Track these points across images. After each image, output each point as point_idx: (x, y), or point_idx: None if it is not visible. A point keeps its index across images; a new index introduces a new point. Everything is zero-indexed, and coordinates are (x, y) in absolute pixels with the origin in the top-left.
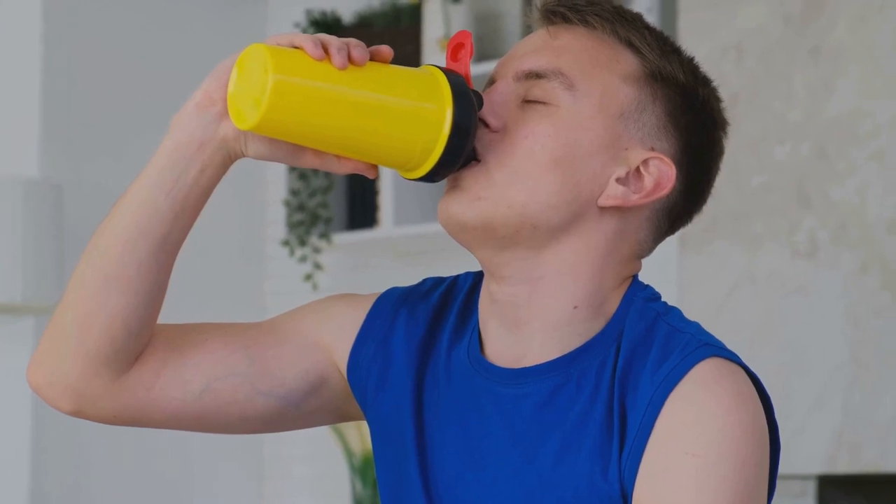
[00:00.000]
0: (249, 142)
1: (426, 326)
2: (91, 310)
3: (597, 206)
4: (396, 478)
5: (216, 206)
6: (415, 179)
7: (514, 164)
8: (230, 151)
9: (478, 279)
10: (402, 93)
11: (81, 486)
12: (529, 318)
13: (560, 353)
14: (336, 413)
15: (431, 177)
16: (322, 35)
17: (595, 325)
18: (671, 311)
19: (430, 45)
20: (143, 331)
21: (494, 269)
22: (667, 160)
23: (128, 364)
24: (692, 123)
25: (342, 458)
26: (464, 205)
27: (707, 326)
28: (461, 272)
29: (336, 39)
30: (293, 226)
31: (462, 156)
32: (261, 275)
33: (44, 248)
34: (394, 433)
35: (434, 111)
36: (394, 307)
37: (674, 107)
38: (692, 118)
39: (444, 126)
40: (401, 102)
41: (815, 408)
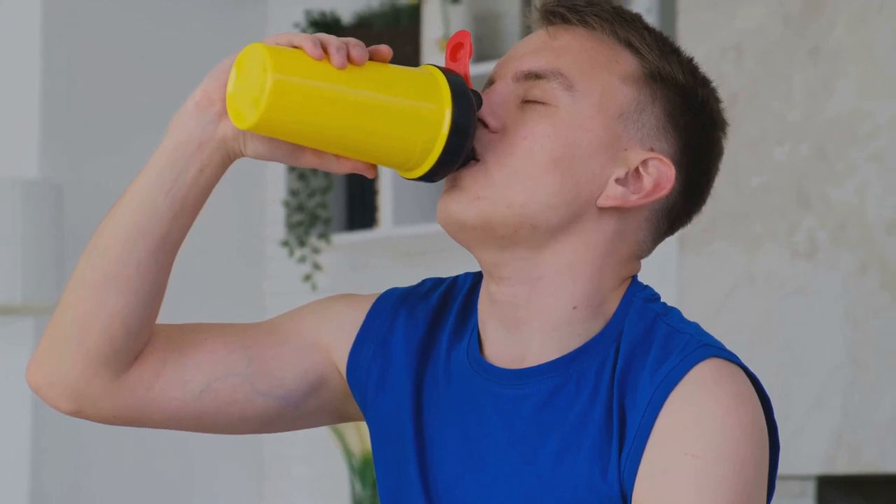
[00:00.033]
0: (248, 141)
1: (426, 327)
2: (91, 309)
3: (596, 207)
4: (396, 478)
5: (215, 207)
6: (414, 179)
7: (514, 165)
8: (229, 151)
9: (477, 280)
10: (402, 92)
11: (81, 487)
12: (529, 319)
13: (559, 354)
14: (335, 413)
15: (430, 176)
16: (321, 35)
17: (594, 326)
18: (670, 312)
19: (430, 46)
20: (143, 330)
21: (494, 270)
22: (666, 161)
23: (127, 364)
24: (691, 124)
25: (342, 459)
26: (463, 204)
27: (706, 327)
28: (461, 273)
29: (335, 39)
30: (292, 226)
31: (461, 155)
32: (260, 275)
33: (43, 249)
34: (393, 434)
35: (433, 111)
36: (393, 308)
37: (673, 107)
38: (691, 119)
39: (444, 126)
40: (400, 102)
41: (815, 408)
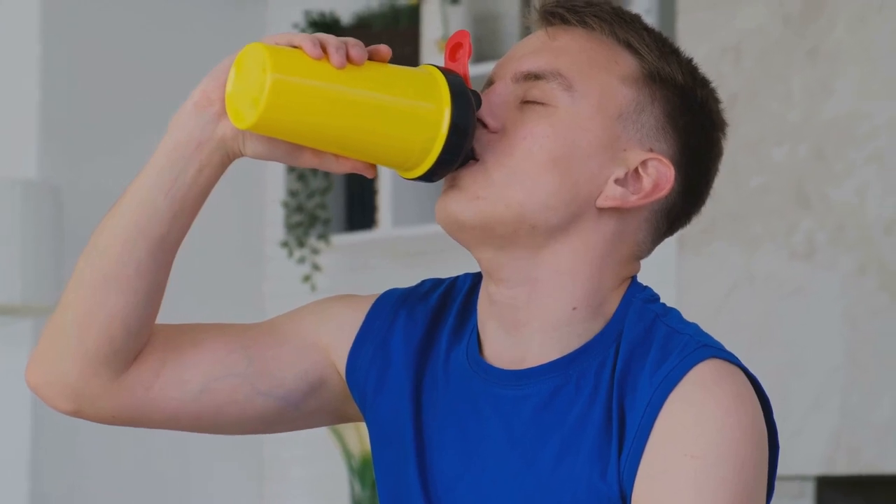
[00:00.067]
0: (248, 141)
1: (425, 328)
2: (90, 309)
3: (595, 207)
4: (395, 479)
5: (215, 208)
6: (413, 179)
7: (513, 165)
8: (228, 151)
9: (476, 280)
10: (401, 92)
11: (80, 487)
12: (529, 320)
13: (559, 355)
14: (335, 414)
15: (430, 176)
16: (320, 34)
17: (594, 327)
18: (670, 313)
19: (429, 46)
20: (142, 330)
21: (493, 271)
22: (665, 161)
23: (126, 364)
24: (691, 124)
25: (341, 460)
26: (462, 204)
27: (705, 327)
28: (460, 273)
29: (334, 38)
30: (292, 227)
31: (460, 155)
32: (259, 276)
33: (42, 250)
34: (392, 435)
35: (432, 110)
36: (393, 308)
37: (672, 108)
38: (691, 119)
39: (443, 125)
40: (399, 102)
41: (814, 409)
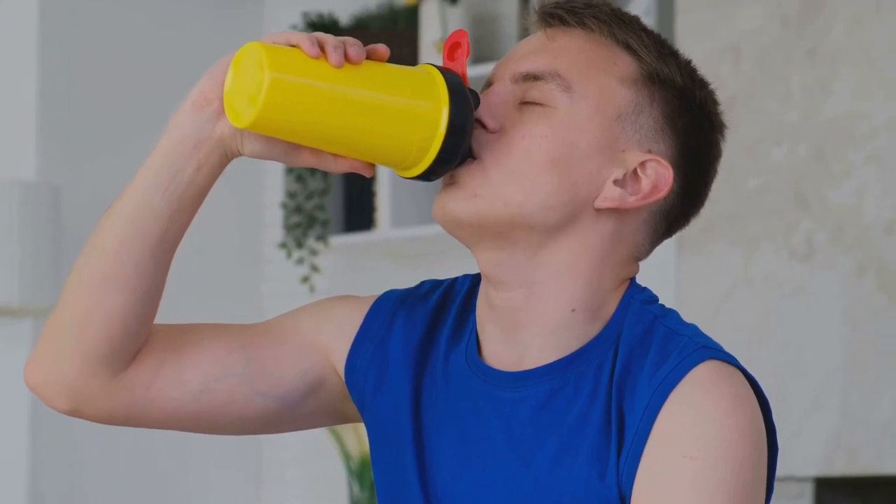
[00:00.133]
0: (246, 140)
1: (424, 329)
2: (89, 308)
3: (593, 208)
4: (394, 480)
5: (213, 209)
6: (411, 178)
7: (511, 164)
8: (227, 150)
9: (475, 281)
10: (399, 91)
11: (79, 488)
12: (528, 323)
13: (558, 356)
14: (334, 415)
15: (428, 175)
16: (318, 33)
17: (593, 328)
18: (669, 314)
19: (427, 48)
20: (141, 329)
21: (492, 273)
22: (664, 162)
23: (125, 363)
24: (689, 126)
25: (339, 461)
26: (459, 201)
27: (704, 328)
28: (459, 274)
29: (332, 38)
30: (290, 228)
31: (458, 154)
32: (258, 277)
33: (41, 251)
34: (391, 436)
35: (430, 109)
36: (391, 309)
37: (671, 109)
38: (689, 120)
39: (441, 124)
40: (397, 101)
41: (812, 410)
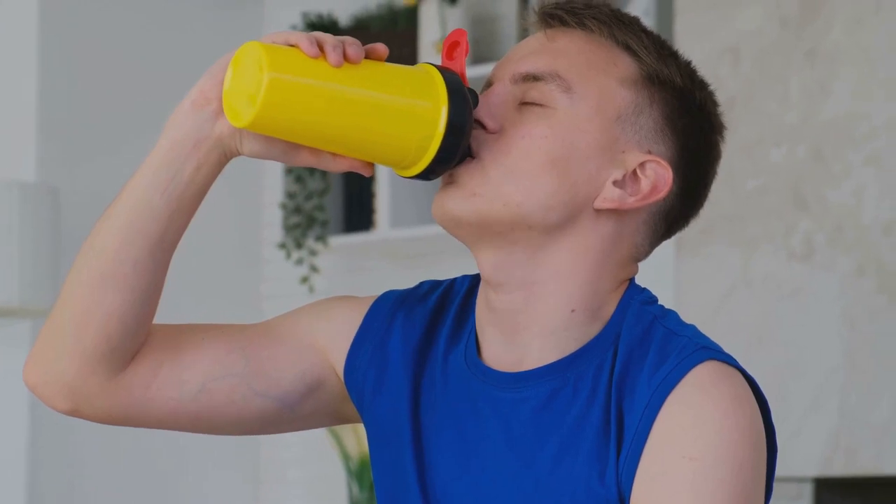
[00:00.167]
0: (245, 140)
1: (423, 329)
2: (88, 308)
3: (593, 209)
4: (393, 481)
5: (213, 209)
6: (410, 177)
7: (510, 164)
8: (226, 150)
9: (475, 282)
10: (398, 90)
11: (78, 487)
12: (528, 324)
13: (557, 357)
14: (333, 415)
15: (427, 174)
16: (317, 33)
17: (592, 329)
18: (668, 314)
19: (427, 48)
20: (140, 329)
21: (492, 274)
22: (663, 163)
23: (124, 362)
24: (689, 127)
25: (338, 462)
26: (458, 200)
27: (703, 329)
28: (458, 275)
29: (331, 37)
30: (289, 228)
31: (457, 154)
32: (257, 277)
33: (40, 252)
34: (391, 436)
35: (429, 109)
36: (391, 310)
37: (671, 110)
38: (689, 121)
39: (440, 124)
40: (396, 100)
41: (812, 410)
